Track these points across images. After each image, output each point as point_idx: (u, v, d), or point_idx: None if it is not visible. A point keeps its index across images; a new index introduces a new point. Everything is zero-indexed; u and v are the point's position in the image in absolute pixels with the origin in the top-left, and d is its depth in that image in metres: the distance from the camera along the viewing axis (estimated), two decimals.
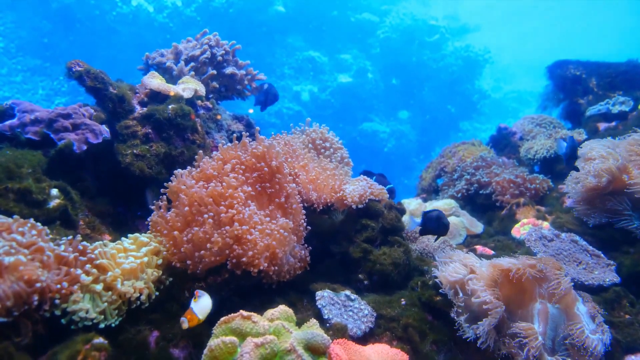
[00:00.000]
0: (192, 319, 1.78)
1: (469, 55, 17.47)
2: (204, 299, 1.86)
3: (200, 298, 1.85)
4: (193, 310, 1.79)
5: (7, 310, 1.56)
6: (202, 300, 1.84)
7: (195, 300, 1.84)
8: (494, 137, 5.31)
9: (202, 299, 1.85)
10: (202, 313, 1.82)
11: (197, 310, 1.80)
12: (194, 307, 1.81)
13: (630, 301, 2.43)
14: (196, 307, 1.81)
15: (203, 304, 1.84)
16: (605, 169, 2.80)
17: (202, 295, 1.86)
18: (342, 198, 2.69)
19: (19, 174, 2.17)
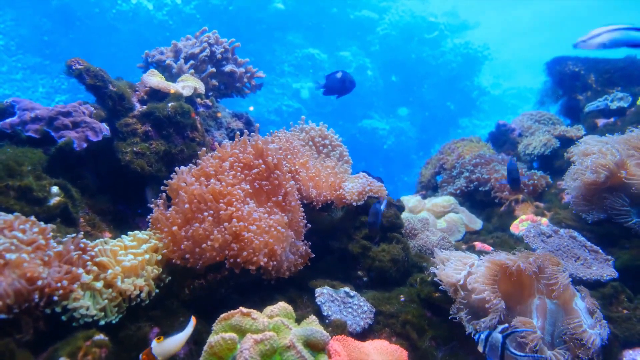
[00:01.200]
0: (147, 356, 1.63)
1: (468, 52, 17.46)
2: (172, 339, 1.68)
3: (168, 338, 1.68)
4: (152, 351, 1.63)
5: (8, 307, 1.57)
6: (168, 341, 1.67)
7: (158, 340, 1.65)
8: (493, 133, 5.31)
9: (169, 339, 1.67)
10: (163, 354, 1.64)
11: (157, 351, 1.63)
12: (154, 347, 1.64)
13: (628, 296, 2.44)
14: (157, 347, 1.64)
15: (167, 345, 1.66)
16: (603, 164, 2.81)
17: (171, 336, 1.69)
18: (341, 195, 2.70)
19: (20, 172, 2.17)
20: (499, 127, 5.23)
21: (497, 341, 1.81)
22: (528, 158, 4.48)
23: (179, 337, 1.71)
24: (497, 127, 5.27)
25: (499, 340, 1.81)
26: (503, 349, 1.80)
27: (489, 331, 1.88)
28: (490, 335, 1.85)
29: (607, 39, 1.52)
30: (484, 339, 1.86)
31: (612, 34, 1.53)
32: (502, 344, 1.80)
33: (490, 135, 5.36)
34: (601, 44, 1.60)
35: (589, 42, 1.59)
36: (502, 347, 1.80)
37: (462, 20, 20.89)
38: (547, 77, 5.34)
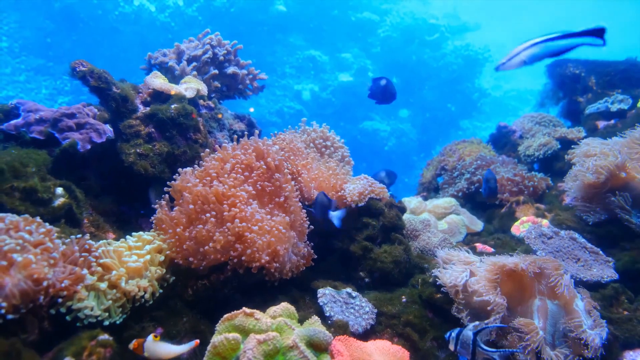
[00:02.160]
0: (137, 347, 1.68)
1: (469, 54, 17.44)
2: (167, 346, 1.71)
3: (164, 342, 1.71)
4: (143, 344, 1.68)
5: (14, 307, 1.59)
6: (162, 345, 1.70)
7: (155, 338, 1.70)
8: (494, 135, 5.32)
9: (164, 344, 1.71)
10: (151, 353, 1.68)
11: (147, 347, 1.68)
12: (148, 342, 1.68)
13: (629, 297, 2.45)
14: (150, 344, 1.68)
15: (160, 348, 1.70)
16: (604, 165, 2.82)
17: (169, 342, 1.73)
18: (342, 197, 2.72)
19: (25, 173, 2.19)
20: (499, 129, 5.24)
21: (468, 338, 1.84)
22: (529, 160, 4.49)
23: (173, 348, 1.72)
24: (497, 129, 5.27)
25: (469, 337, 1.84)
26: (474, 346, 1.82)
27: (460, 329, 1.90)
28: (460, 333, 1.88)
29: (526, 56, 1.55)
30: (455, 337, 1.89)
31: (530, 50, 1.56)
32: (473, 341, 1.83)
33: (491, 137, 5.37)
34: (521, 62, 1.62)
35: (508, 63, 1.61)
36: (472, 344, 1.83)
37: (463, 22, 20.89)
38: (548, 80, 5.36)
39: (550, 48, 1.54)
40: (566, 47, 1.52)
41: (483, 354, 1.83)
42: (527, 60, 1.57)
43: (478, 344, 1.83)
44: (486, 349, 1.82)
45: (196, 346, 1.76)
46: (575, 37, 1.51)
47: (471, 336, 1.84)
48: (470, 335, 1.84)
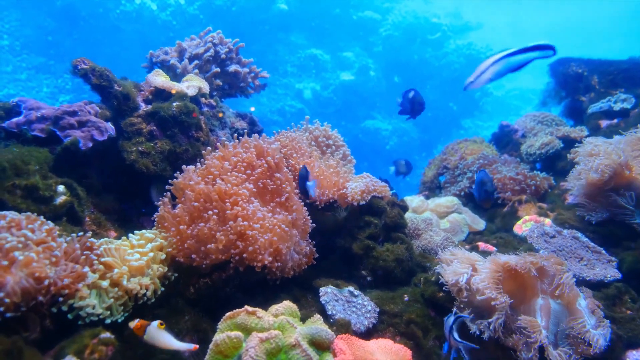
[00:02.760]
0: (139, 327, 1.70)
1: (471, 53, 17.42)
2: (169, 338, 1.70)
3: (168, 333, 1.71)
4: (147, 327, 1.69)
5: (15, 305, 1.59)
6: (165, 335, 1.70)
7: (161, 326, 1.70)
8: (496, 134, 5.31)
9: (167, 335, 1.70)
10: (151, 339, 1.69)
11: (150, 332, 1.69)
12: (152, 327, 1.69)
13: (632, 297, 2.44)
14: (153, 330, 1.69)
15: (162, 336, 1.70)
16: (608, 164, 2.81)
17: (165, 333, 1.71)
18: (344, 195, 2.71)
19: (26, 171, 2.19)
20: (502, 128, 5.22)
21: (447, 327, 1.98)
22: (531, 159, 4.48)
23: (173, 342, 1.71)
24: (500, 128, 5.26)
25: (448, 325, 1.98)
26: (450, 333, 1.95)
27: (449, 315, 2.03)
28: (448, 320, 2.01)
29: (491, 73, 1.58)
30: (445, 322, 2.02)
31: (494, 67, 1.59)
32: (450, 329, 1.95)
33: (493, 136, 5.36)
34: (488, 79, 1.65)
35: (476, 81, 1.64)
36: (449, 332, 1.95)
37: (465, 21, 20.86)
38: (550, 79, 5.34)
39: (511, 63, 1.60)
40: (524, 61, 1.59)
41: (455, 343, 1.94)
42: (492, 77, 1.60)
43: (452, 332, 1.94)
44: (456, 339, 1.92)
45: (194, 350, 1.74)
46: (531, 51, 1.58)
47: (450, 324, 1.96)
48: (450, 323, 1.97)
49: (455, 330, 1.96)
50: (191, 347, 1.73)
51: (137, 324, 1.70)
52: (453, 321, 1.97)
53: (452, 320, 1.98)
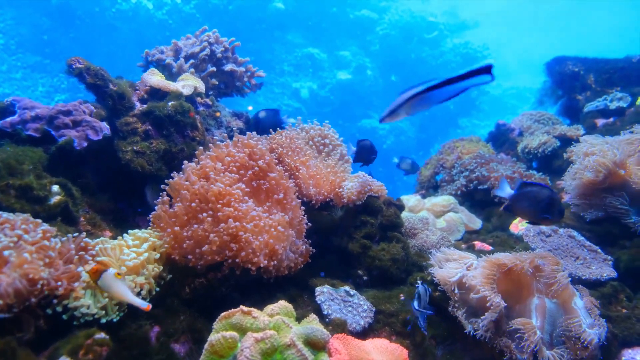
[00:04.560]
0: (95, 271, 1.69)
1: (468, 52, 17.48)
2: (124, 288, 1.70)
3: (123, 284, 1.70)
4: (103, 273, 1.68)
5: (8, 306, 1.58)
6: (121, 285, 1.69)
7: (118, 276, 1.70)
8: (493, 133, 5.32)
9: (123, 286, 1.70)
10: (105, 285, 1.68)
11: (105, 277, 1.68)
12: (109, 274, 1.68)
13: (627, 295, 2.45)
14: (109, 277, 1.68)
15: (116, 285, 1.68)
16: (603, 163, 2.81)
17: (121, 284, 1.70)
18: (340, 194, 2.71)
19: (20, 171, 2.18)
20: (498, 127, 5.23)
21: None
22: (528, 157, 4.48)
23: (127, 294, 1.70)
24: (496, 127, 5.27)
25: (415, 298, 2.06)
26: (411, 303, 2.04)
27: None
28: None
29: (409, 108, 1.49)
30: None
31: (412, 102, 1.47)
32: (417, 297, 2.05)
33: (490, 135, 5.36)
34: (405, 115, 1.57)
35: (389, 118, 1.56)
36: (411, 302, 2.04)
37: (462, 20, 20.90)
38: (547, 77, 5.35)
39: (437, 96, 1.43)
40: (454, 92, 1.41)
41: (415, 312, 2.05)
42: (409, 112, 1.48)
43: (412, 303, 2.02)
44: (415, 308, 2.02)
45: (147, 310, 1.71)
46: (462, 81, 1.40)
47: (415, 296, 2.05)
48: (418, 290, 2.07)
49: (416, 299, 2.03)
50: (144, 305, 1.71)
51: (93, 267, 1.70)
52: (419, 294, 2.05)
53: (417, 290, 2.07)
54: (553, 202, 2.12)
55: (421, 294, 2.05)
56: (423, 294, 2.06)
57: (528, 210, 2.17)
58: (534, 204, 2.13)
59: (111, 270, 1.70)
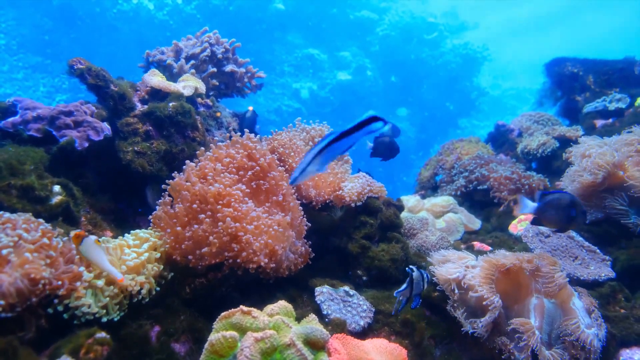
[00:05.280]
0: (78, 237, 1.77)
1: (468, 53, 17.49)
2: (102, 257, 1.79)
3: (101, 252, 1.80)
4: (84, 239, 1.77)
5: (10, 305, 1.59)
6: (101, 255, 1.79)
7: (98, 242, 1.80)
8: (492, 134, 5.33)
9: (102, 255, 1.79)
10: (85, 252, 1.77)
11: (87, 244, 1.77)
12: (90, 241, 1.78)
13: (626, 296, 2.46)
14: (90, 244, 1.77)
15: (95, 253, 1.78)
16: (601, 165, 2.82)
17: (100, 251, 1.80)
18: (340, 195, 2.72)
19: (22, 171, 2.19)
20: (498, 128, 5.25)
21: None
22: (527, 158, 4.50)
23: (104, 262, 1.79)
24: (496, 127, 5.28)
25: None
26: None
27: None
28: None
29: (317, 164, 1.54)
30: None
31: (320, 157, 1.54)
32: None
33: (490, 135, 5.38)
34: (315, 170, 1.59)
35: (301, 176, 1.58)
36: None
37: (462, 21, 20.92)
38: (546, 78, 5.37)
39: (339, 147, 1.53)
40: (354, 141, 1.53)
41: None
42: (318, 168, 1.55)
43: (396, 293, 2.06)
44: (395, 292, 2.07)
45: (121, 282, 1.80)
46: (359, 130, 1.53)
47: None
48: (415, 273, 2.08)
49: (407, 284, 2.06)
50: (119, 276, 1.78)
51: (76, 233, 1.77)
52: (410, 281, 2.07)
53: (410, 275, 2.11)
54: (576, 205, 2.21)
55: (414, 278, 2.06)
56: (417, 280, 2.06)
57: (555, 219, 2.25)
58: (559, 211, 2.22)
59: (92, 237, 1.78)
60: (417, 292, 2.07)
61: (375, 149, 3.07)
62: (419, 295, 2.08)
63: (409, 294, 2.07)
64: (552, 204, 2.23)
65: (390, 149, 3.08)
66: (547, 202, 2.23)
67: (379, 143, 3.07)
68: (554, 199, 2.22)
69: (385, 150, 3.08)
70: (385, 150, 3.07)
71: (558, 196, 2.24)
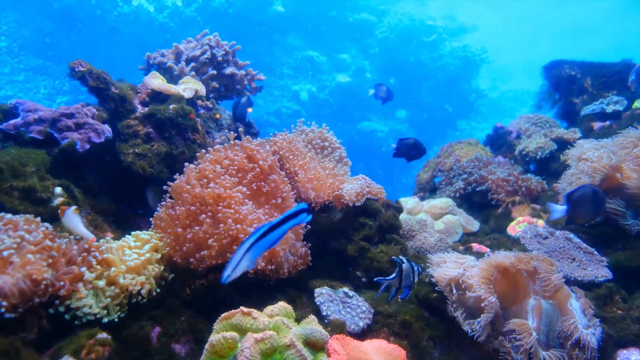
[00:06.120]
0: (61, 210, 1.97)
1: (466, 55, 17.51)
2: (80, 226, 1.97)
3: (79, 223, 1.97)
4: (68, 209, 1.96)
5: (13, 306, 1.60)
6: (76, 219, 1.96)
7: (76, 210, 1.97)
8: (491, 136, 5.35)
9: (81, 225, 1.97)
10: (67, 223, 1.95)
11: (67, 212, 1.95)
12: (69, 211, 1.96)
13: (623, 297, 2.47)
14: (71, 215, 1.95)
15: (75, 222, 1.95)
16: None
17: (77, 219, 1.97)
18: (340, 197, 2.73)
19: (24, 173, 2.20)
20: (496, 130, 5.26)
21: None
22: (525, 160, 4.52)
23: (80, 227, 1.97)
24: (494, 129, 5.30)
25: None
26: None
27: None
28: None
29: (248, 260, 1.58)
30: None
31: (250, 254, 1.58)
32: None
33: (488, 137, 5.40)
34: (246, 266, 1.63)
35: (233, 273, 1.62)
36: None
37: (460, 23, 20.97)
38: (544, 81, 5.39)
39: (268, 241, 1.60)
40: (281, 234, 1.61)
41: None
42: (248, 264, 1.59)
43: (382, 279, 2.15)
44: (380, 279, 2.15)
45: (92, 242, 1.97)
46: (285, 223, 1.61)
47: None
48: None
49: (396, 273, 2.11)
50: (89, 237, 1.96)
51: (62, 207, 1.99)
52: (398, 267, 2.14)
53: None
54: (597, 195, 2.39)
55: (404, 269, 2.08)
56: (407, 271, 2.08)
57: (586, 214, 2.46)
58: (587, 206, 2.39)
59: (72, 207, 1.98)
60: (407, 284, 2.09)
61: (399, 149, 3.10)
62: (408, 287, 2.10)
63: (398, 284, 2.09)
64: (579, 201, 2.37)
65: (415, 149, 3.10)
66: (574, 201, 2.38)
67: (403, 144, 3.09)
68: (579, 197, 2.36)
69: (410, 150, 3.09)
70: (410, 150, 3.09)
71: (580, 193, 2.37)
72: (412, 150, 3.07)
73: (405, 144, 3.08)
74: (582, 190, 2.40)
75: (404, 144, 3.08)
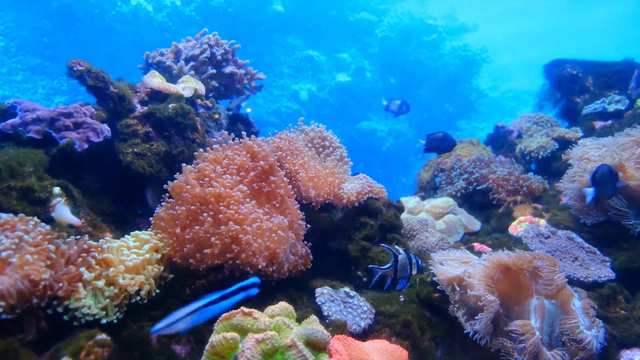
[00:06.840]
0: (52, 205, 2.11)
1: (467, 55, 17.52)
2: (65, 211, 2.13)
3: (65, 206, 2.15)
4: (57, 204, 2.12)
5: (11, 307, 1.58)
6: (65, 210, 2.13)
7: (65, 202, 2.16)
8: (492, 135, 5.34)
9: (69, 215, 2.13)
10: (56, 210, 2.11)
11: (57, 207, 2.11)
12: (59, 204, 2.12)
13: (626, 297, 2.46)
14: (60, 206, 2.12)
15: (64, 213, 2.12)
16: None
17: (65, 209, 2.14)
18: (340, 196, 2.72)
19: (22, 173, 2.19)
20: (497, 130, 5.25)
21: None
22: (526, 160, 4.50)
23: (66, 215, 2.13)
24: (495, 129, 5.29)
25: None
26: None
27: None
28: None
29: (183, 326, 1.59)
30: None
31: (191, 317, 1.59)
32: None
33: (489, 137, 5.38)
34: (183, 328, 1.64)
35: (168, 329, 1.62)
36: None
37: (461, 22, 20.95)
38: (546, 80, 5.38)
39: (215, 310, 1.63)
40: (228, 305, 1.64)
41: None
42: (185, 327, 1.60)
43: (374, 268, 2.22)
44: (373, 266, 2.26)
45: (77, 226, 2.17)
46: (234, 295, 1.66)
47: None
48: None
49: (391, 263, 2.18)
50: (75, 222, 2.14)
51: (52, 204, 2.12)
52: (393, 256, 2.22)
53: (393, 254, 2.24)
54: (612, 172, 2.62)
55: (400, 260, 2.07)
56: (402, 262, 2.07)
57: (607, 191, 2.65)
58: (607, 184, 2.61)
59: (62, 200, 2.14)
60: (404, 276, 2.08)
61: (429, 145, 3.14)
62: (406, 278, 2.09)
63: (393, 274, 2.08)
64: (602, 180, 2.59)
65: (446, 141, 3.14)
66: (597, 181, 2.59)
67: (432, 139, 3.14)
68: (600, 176, 2.58)
69: (440, 143, 3.14)
70: (440, 143, 3.14)
71: (600, 172, 2.58)
72: (443, 143, 3.12)
73: (434, 139, 3.13)
74: (601, 169, 2.60)
75: (433, 138, 3.14)
